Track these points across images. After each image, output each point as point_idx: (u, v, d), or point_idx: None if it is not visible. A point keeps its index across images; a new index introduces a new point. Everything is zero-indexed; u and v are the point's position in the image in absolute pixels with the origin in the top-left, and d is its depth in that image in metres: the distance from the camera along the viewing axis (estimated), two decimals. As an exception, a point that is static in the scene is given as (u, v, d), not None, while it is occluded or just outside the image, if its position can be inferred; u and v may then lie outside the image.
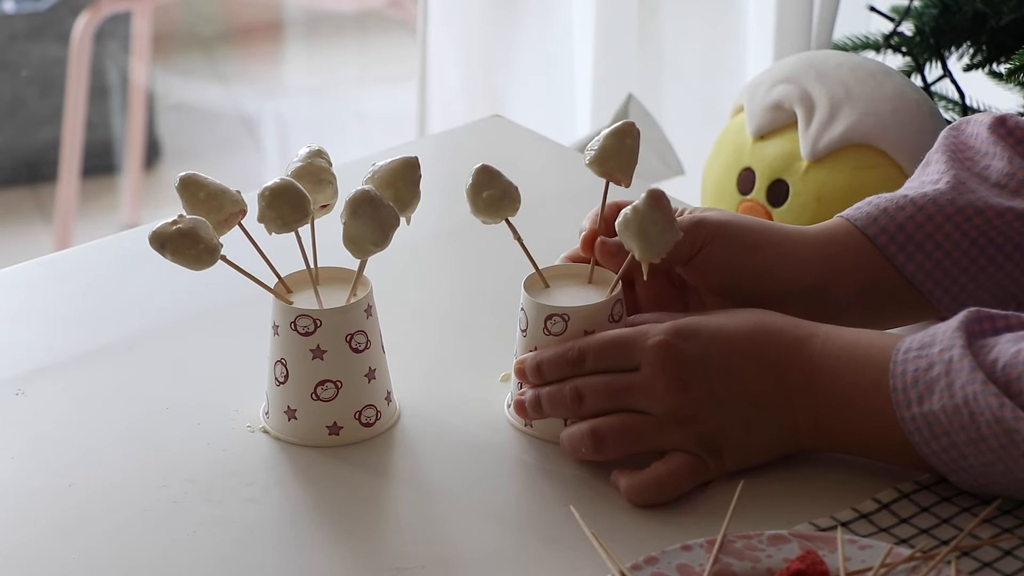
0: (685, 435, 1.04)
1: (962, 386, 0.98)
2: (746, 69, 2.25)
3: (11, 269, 1.35)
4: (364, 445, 1.11)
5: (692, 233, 1.11)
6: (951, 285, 1.14)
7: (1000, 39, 1.76)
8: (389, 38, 3.81)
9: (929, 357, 1.00)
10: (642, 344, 1.05)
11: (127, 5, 3.20)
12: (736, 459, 1.05)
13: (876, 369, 1.02)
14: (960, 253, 1.14)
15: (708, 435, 1.04)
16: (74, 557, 1.01)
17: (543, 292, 1.12)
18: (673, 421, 1.04)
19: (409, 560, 1.00)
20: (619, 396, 1.05)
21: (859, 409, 1.02)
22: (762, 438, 1.05)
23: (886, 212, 1.15)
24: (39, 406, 1.16)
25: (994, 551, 0.98)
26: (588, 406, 1.06)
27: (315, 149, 1.13)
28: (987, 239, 1.14)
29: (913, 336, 1.02)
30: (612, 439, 1.05)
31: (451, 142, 1.63)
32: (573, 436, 1.07)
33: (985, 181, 1.16)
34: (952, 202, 1.14)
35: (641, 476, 1.04)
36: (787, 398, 1.04)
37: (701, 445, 1.04)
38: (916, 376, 1.00)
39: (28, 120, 3.35)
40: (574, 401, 1.06)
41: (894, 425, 1.01)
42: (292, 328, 1.09)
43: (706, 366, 1.04)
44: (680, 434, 1.04)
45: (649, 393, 1.04)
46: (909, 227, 1.14)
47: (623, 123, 1.12)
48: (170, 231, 1.05)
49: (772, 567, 0.96)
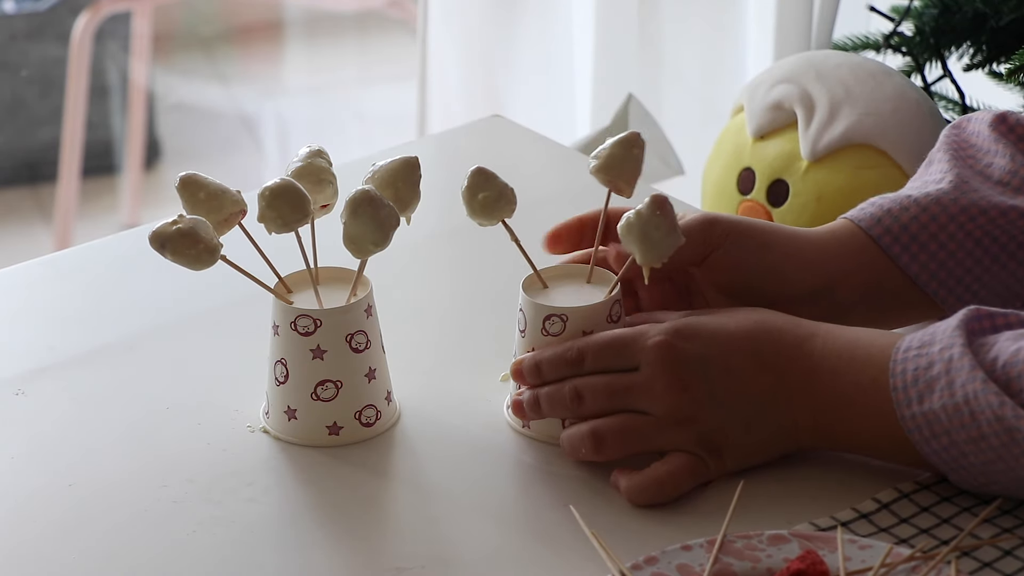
0: (685, 435, 1.04)
1: (962, 384, 0.98)
2: (746, 69, 2.25)
3: (11, 269, 1.35)
4: (364, 445, 1.11)
5: (706, 232, 1.11)
6: (955, 285, 1.14)
7: (1000, 39, 1.76)
8: (389, 38, 3.81)
9: (929, 356, 1.00)
10: (642, 344, 1.05)
11: (127, 5, 3.20)
12: (736, 459, 1.05)
13: (876, 368, 1.02)
14: (964, 253, 1.14)
15: (708, 435, 1.04)
16: (74, 557, 1.01)
17: (542, 292, 1.12)
18: (673, 421, 1.04)
19: (409, 560, 1.00)
20: (619, 396, 1.05)
21: (859, 408, 1.02)
22: (762, 437, 1.05)
23: (890, 213, 1.15)
24: (39, 406, 1.16)
25: (994, 551, 0.98)
26: (588, 406, 1.06)
27: (315, 149, 1.13)
28: (991, 239, 1.14)
29: (913, 335, 1.02)
30: (612, 439, 1.05)
31: (451, 142, 1.63)
32: (573, 437, 1.07)
33: (988, 179, 1.16)
34: (955, 202, 1.14)
35: (641, 476, 1.04)
36: (787, 397, 1.04)
37: (701, 445, 1.04)
38: (916, 375, 1.00)
39: (28, 120, 3.35)
40: (573, 401, 1.06)
41: (894, 424, 1.01)
42: (292, 328, 1.09)
43: (706, 366, 1.04)
44: (680, 434, 1.04)
45: (649, 393, 1.04)
46: (913, 228, 1.14)
47: (630, 133, 1.12)
48: (170, 231, 1.05)
49: (772, 567, 0.96)
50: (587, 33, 2.24)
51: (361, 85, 3.85)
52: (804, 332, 1.05)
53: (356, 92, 3.82)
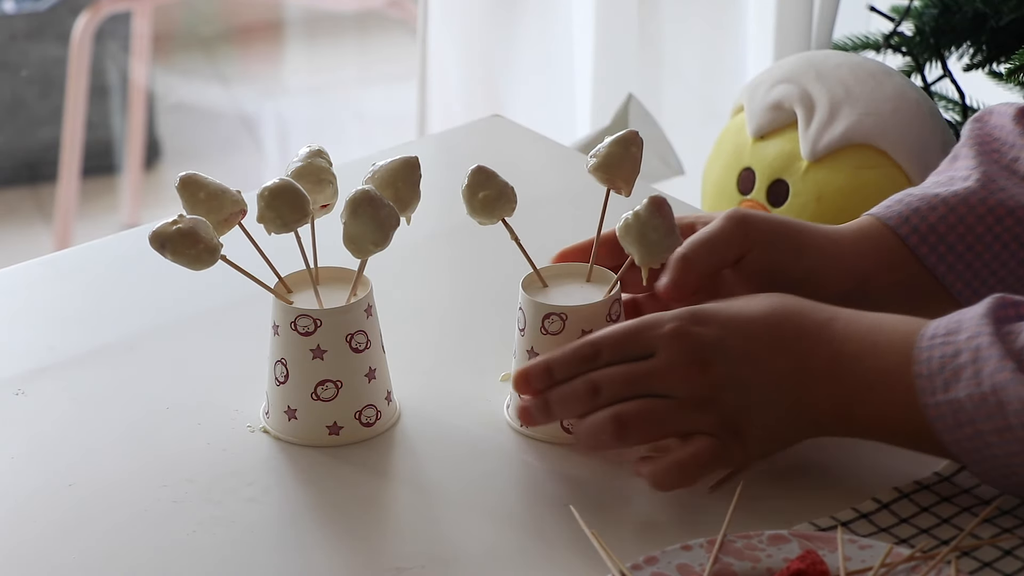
0: (706, 417, 1.02)
1: (990, 374, 0.97)
2: (746, 69, 2.25)
3: (11, 269, 1.35)
4: (364, 445, 1.11)
5: (740, 235, 1.10)
6: (980, 287, 1.14)
7: (1000, 39, 1.76)
8: (389, 38, 3.81)
9: (956, 344, 0.99)
10: (657, 330, 1.03)
11: (127, 5, 3.20)
12: (758, 443, 1.03)
13: (899, 354, 1.01)
14: (991, 256, 1.14)
15: (729, 417, 1.02)
16: (74, 557, 1.01)
17: (541, 291, 1.12)
18: (693, 403, 1.02)
19: (409, 560, 1.00)
20: (638, 383, 1.03)
21: (881, 393, 1.01)
22: (783, 421, 1.03)
23: (918, 212, 1.14)
24: (39, 406, 1.16)
25: (994, 551, 0.98)
26: (604, 397, 1.03)
27: (315, 149, 1.13)
28: (1018, 242, 1.14)
29: (937, 322, 1.01)
30: (635, 424, 1.03)
31: (451, 142, 1.63)
32: (594, 424, 1.04)
33: (1014, 175, 1.16)
34: (983, 201, 1.14)
35: (664, 461, 1.03)
36: (808, 381, 1.03)
37: (723, 427, 1.02)
38: (943, 363, 0.99)
39: (28, 120, 3.35)
40: (589, 394, 1.04)
41: (916, 411, 1.00)
42: (292, 328, 1.09)
43: (724, 349, 1.03)
44: (701, 416, 1.02)
45: (668, 376, 1.03)
46: (941, 228, 1.13)
47: (628, 131, 1.12)
48: (170, 231, 1.05)
49: (772, 567, 0.96)
50: (587, 33, 2.24)
51: (361, 85, 3.85)
52: (825, 316, 1.04)
53: (356, 92, 3.82)
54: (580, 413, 1.05)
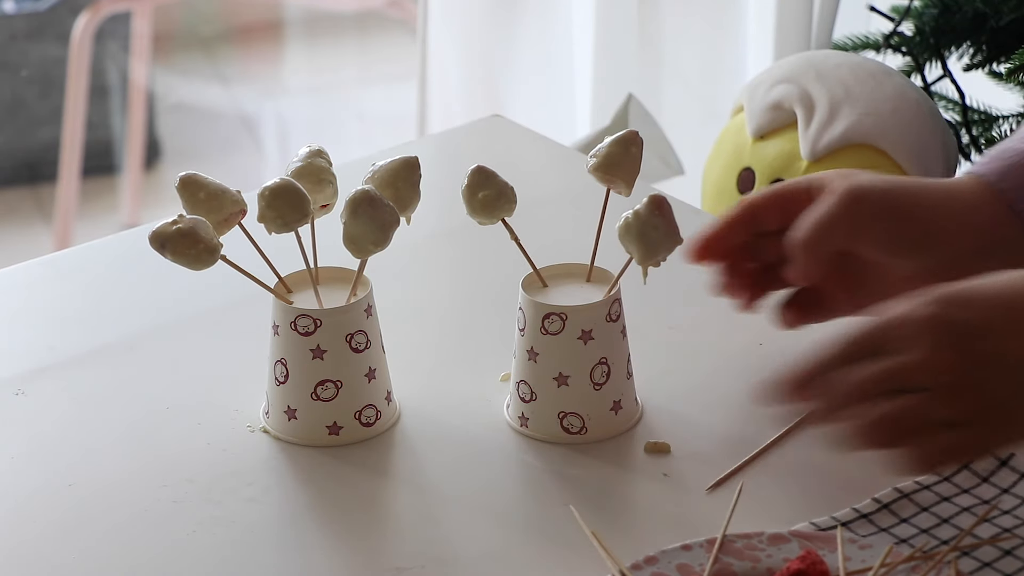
0: (971, 406, 0.97)
1: None
2: (746, 69, 2.25)
3: (11, 269, 1.35)
4: (364, 445, 1.11)
5: (853, 211, 1.09)
6: None
7: (1000, 39, 1.76)
8: (389, 38, 3.81)
9: None
10: (912, 323, 0.98)
11: (127, 5, 3.20)
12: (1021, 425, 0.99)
13: None
14: None
15: (1002, 403, 0.97)
16: (74, 557, 1.01)
17: (541, 291, 1.12)
18: (954, 393, 0.97)
19: (409, 560, 1.00)
20: (894, 380, 0.98)
21: None
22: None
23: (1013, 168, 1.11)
24: (39, 406, 1.16)
25: (994, 551, 0.98)
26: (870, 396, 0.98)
27: (315, 149, 1.13)
28: None
29: None
30: (906, 423, 0.98)
31: (451, 142, 1.63)
32: (874, 427, 0.98)
33: None
34: None
35: (925, 448, 0.98)
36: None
37: (988, 414, 0.97)
38: None
39: (28, 120, 3.35)
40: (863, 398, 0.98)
41: None
42: (292, 328, 1.09)
43: (991, 332, 0.97)
44: (965, 405, 0.97)
45: (933, 366, 0.97)
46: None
47: (628, 132, 1.12)
48: (170, 231, 1.05)
49: (772, 567, 0.96)
50: (587, 33, 2.24)
51: (361, 85, 3.85)
52: None
53: (356, 92, 3.82)
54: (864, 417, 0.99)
